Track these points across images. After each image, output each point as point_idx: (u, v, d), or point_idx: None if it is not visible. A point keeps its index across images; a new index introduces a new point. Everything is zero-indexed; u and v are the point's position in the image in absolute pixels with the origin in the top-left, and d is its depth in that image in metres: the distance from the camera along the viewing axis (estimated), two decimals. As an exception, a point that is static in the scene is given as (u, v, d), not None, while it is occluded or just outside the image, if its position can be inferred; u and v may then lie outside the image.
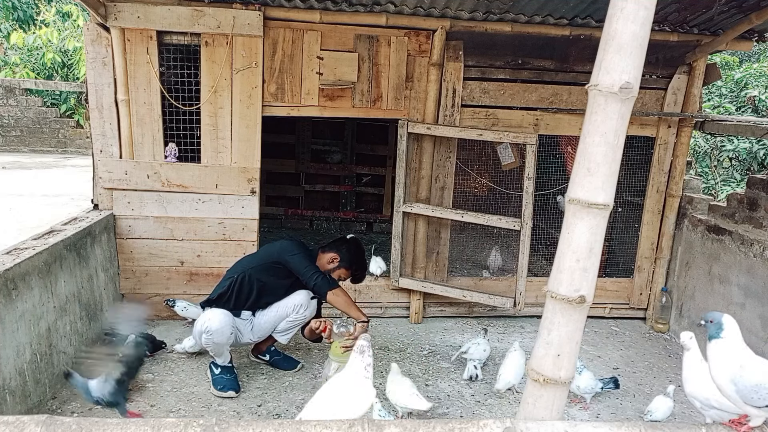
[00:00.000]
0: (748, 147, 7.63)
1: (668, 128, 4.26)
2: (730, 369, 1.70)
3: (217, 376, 3.14)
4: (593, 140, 1.68)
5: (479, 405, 3.18)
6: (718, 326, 1.73)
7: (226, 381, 3.13)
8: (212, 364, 3.20)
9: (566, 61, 4.10)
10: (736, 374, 1.68)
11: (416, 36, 3.93)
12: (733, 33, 3.79)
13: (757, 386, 1.64)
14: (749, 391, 1.66)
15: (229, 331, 3.07)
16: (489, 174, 4.59)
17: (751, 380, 1.65)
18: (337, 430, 1.58)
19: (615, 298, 4.53)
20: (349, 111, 4.00)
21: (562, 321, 1.75)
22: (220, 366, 3.16)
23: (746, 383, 1.66)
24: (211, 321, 3.01)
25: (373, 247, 4.32)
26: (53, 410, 2.87)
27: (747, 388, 1.66)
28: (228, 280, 3.21)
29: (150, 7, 3.59)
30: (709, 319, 1.76)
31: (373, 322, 4.28)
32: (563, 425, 1.65)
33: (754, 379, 1.65)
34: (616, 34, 1.62)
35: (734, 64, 9.45)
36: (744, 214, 3.84)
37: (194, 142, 3.89)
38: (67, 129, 11.26)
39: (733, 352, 1.72)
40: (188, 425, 1.56)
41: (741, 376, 1.67)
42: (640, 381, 3.58)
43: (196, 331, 3.13)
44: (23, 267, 2.70)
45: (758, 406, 1.67)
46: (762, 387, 1.64)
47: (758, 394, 1.65)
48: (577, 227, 1.71)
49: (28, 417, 1.53)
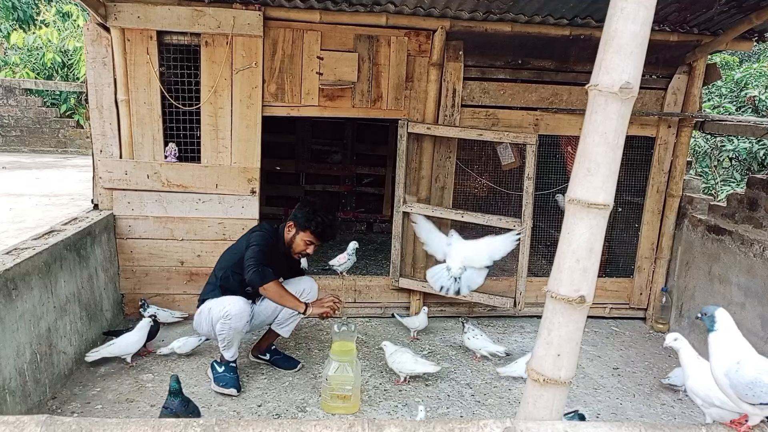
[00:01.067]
0: (748, 147, 7.63)
1: (668, 128, 4.26)
2: (726, 362, 1.71)
3: (220, 374, 3.14)
4: (593, 140, 1.68)
5: (479, 405, 3.18)
6: (711, 319, 1.77)
7: (228, 379, 3.13)
8: (214, 363, 3.20)
9: (566, 61, 4.10)
10: (731, 369, 1.68)
11: (416, 36, 3.93)
12: (733, 33, 3.79)
13: (751, 383, 1.64)
14: (743, 387, 1.66)
15: (247, 316, 3.09)
16: (489, 174, 4.59)
17: (745, 376, 1.65)
18: (337, 430, 1.58)
19: (615, 298, 4.53)
20: (349, 111, 4.00)
21: (562, 321, 1.76)
22: (224, 364, 3.16)
23: (740, 379, 1.66)
24: (231, 306, 3.02)
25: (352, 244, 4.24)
26: (53, 410, 2.87)
27: (741, 384, 1.66)
28: (212, 283, 3.25)
29: (150, 7, 3.59)
30: (704, 312, 1.81)
31: (373, 322, 4.28)
32: (563, 425, 1.65)
33: (748, 375, 1.65)
34: (616, 34, 1.62)
35: (734, 64, 9.45)
36: (744, 214, 3.84)
37: (194, 142, 3.89)
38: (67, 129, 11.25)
39: (731, 346, 1.73)
40: (188, 425, 1.56)
41: (736, 371, 1.67)
42: (640, 381, 3.58)
43: (215, 317, 3.07)
44: (23, 267, 2.70)
45: (752, 404, 1.67)
46: (756, 384, 1.64)
47: (752, 391, 1.64)
48: (577, 227, 1.71)
49: (28, 417, 1.53)
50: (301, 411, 3.02)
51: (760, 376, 1.65)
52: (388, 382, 3.37)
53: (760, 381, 1.64)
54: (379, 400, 3.16)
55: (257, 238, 3.14)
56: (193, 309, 4.03)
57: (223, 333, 3.08)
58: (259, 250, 3.07)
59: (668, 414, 3.21)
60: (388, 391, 3.26)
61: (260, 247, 3.08)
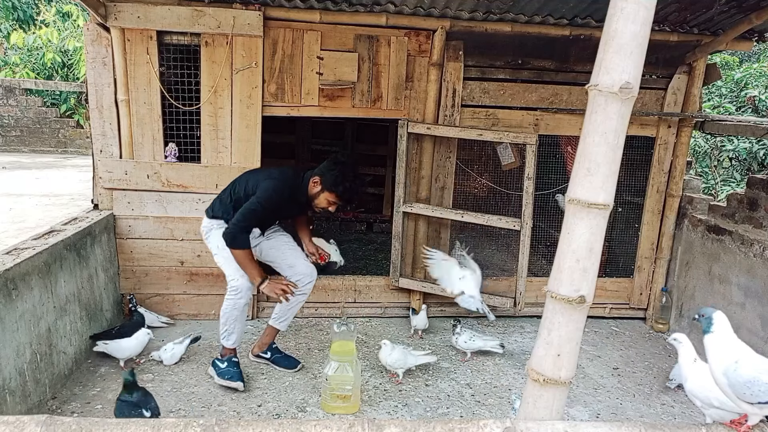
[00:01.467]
0: (748, 147, 7.63)
1: (668, 128, 4.26)
2: (724, 362, 1.72)
3: (223, 368, 3.16)
4: (593, 140, 1.68)
5: (479, 405, 3.18)
6: (708, 321, 1.79)
7: (233, 372, 3.15)
8: (215, 360, 3.22)
9: (566, 61, 4.10)
10: (730, 368, 1.69)
11: (416, 36, 3.93)
12: (733, 33, 3.79)
13: (749, 381, 1.65)
14: (741, 386, 1.66)
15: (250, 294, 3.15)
16: (489, 174, 4.59)
17: (743, 375, 1.66)
18: (337, 430, 1.58)
19: (615, 298, 4.53)
20: (349, 111, 4.00)
21: (562, 321, 1.75)
22: (225, 359, 3.18)
23: (738, 378, 1.67)
24: (241, 280, 3.06)
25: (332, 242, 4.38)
26: (53, 410, 2.87)
27: (739, 383, 1.67)
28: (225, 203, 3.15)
29: (150, 7, 3.59)
30: (701, 314, 1.82)
31: (373, 322, 4.28)
32: (563, 425, 1.65)
33: (746, 374, 1.66)
34: (616, 34, 1.62)
35: (734, 64, 9.44)
36: (744, 214, 3.84)
37: (194, 142, 3.89)
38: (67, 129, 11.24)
39: (728, 346, 1.74)
40: (188, 425, 1.56)
41: (734, 370, 1.68)
42: (640, 381, 3.58)
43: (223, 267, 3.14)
44: (23, 267, 2.70)
45: (751, 402, 1.67)
46: (754, 383, 1.64)
47: (750, 390, 1.65)
48: (577, 227, 1.71)
49: (28, 417, 1.53)
50: (301, 411, 3.02)
51: (759, 375, 1.65)
52: (388, 382, 3.37)
53: (758, 380, 1.64)
54: (379, 400, 3.16)
55: (264, 195, 3.00)
56: (193, 309, 4.07)
57: (226, 312, 3.11)
58: (255, 211, 2.98)
59: (668, 414, 3.21)
60: (388, 391, 3.26)
61: (261, 207, 2.99)
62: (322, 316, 4.26)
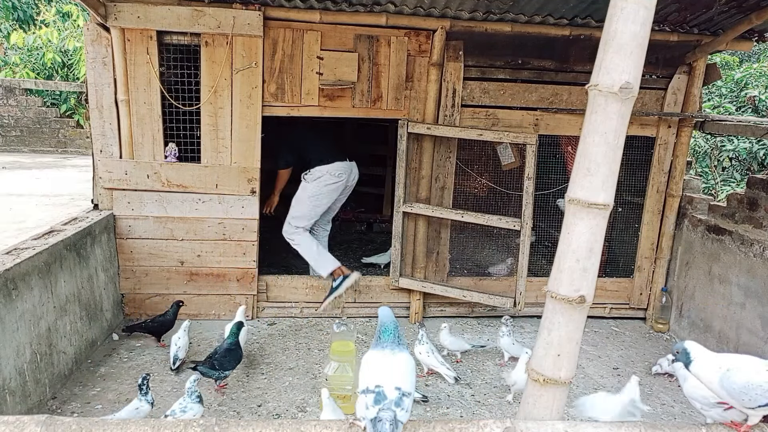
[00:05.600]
0: (748, 147, 7.63)
1: (668, 128, 4.26)
2: (716, 374, 1.73)
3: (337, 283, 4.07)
4: (593, 140, 1.68)
5: (479, 405, 3.18)
6: (685, 354, 1.81)
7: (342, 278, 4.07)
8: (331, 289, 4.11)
9: (566, 61, 4.10)
10: (723, 377, 1.71)
11: (416, 36, 3.93)
12: (733, 33, 3.79)
13: (745, 386, 1.66)
14: (738, 393, 1.67)
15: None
16: (489, 174, 4.59)
17: (737, 382, 1.67)
18: (337, 430, 1.59)
19: (615, 298, 4.53)
20: (349, 111, 4.00)
21: (562, 321, 1.76)
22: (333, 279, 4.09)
23: (733, 385, 1.68)
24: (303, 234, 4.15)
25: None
26: (53, 410, 2.87)
27: (735, 390, 1.67)
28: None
29: (150, 7, 3.59)
30: (676, 350, 1.85)
31: (373, 322, 4.28)
32: (563, 425, 1.65)
33: (739, 380, 1.67)
34: (616, 34, 1.62)
35: (734, 64, 9.44)
36: (744, 214, 3.84)
37: (194, 142, 3.89)
38: (67, 129, 11.25)
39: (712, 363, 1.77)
40: (188, 425, 1.56)
41: (728, 378, 1.69)
42: (639, 381, 3.57)
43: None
44: (23, 267, 2.70)
45: (751, 407, 1.68)
46: (749, 387, 1.65)
47: (747, 395, 1.66)
48: (577, 227, 1.71)
49: (28, 417, 1.53)
50: (301, 411, 3.02)
51: (751, 378, 1.66)
52: (388, 382, 3.36)
53: (752, 383, 1.65)
54: (379, 400, 3.15)
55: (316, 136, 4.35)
56: (193, 309, 4.06)
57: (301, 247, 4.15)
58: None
59: (668, 414, 3.21)
60: (388, 391, 3.25)
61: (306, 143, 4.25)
62: (322, 316, 4.27)
